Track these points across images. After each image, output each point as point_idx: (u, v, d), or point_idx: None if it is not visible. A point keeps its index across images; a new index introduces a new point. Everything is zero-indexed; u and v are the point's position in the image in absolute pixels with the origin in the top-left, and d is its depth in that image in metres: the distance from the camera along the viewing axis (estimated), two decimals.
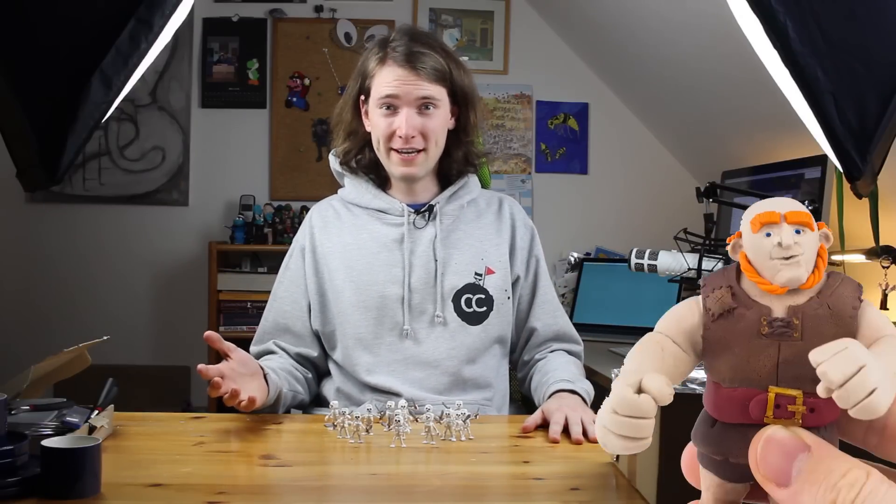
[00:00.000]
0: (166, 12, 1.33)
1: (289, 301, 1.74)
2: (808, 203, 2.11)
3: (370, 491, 1.19)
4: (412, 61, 1.64)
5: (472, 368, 1.69)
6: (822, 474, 0.30)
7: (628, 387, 0.32)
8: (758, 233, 0.33)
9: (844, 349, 0.30)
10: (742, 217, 0.34)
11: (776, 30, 1.32)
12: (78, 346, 1.50)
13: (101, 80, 1.31)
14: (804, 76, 1.33)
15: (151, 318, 4.14)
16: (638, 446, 0.32)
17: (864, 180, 1.38)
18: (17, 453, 1.06)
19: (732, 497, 0.35)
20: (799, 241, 0.33)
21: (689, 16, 2.99)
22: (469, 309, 1.69)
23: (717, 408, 0.34)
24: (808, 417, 0.32)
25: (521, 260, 1.77)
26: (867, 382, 0.29)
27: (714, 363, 0.34)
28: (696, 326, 0.35)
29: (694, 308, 0.35)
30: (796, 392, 0.32)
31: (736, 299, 0.34)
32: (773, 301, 0.33)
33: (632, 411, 0.32)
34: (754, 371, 0.33)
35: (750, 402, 0.33)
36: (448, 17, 4.19)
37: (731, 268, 0.35)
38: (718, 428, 0.34)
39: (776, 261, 0.33)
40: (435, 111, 1.67)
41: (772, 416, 0.32)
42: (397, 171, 1.69)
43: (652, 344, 0.35)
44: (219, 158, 4.13)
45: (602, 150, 4.25)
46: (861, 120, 1.35)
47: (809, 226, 0.33)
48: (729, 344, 0.33)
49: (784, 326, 0.33)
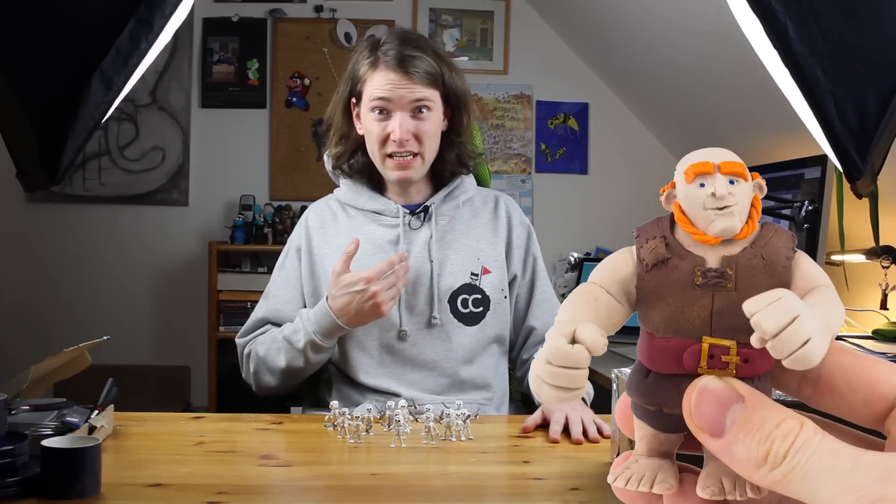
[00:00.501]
0: (166, 12, 1.34)
1: (283, 300, 1.74)
2: (809, 203, 2.11)
3: (370, 491, 1.19)
4: (404, 65, 1.63)
5: (470, 369, 1.68)
6: (756, 424, 0.30)
7: (562, 337, 0.32)
8: (691, 183, 0.33)
9: (778, 299, 0.30)
10: (676, 167, 0.34)
11: (776, 30, 1.32)
12: (78, 346, 1.50)
13: (101, 80, 1.31)
14: (804, 76, 1.33)
15: (151, 318, 4.14)
16: (571, 396, 0.32)
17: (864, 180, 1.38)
18: (17, 453, 1.06)
19: (666, 447, 0.35)
20: (733, 192, 0.33)
21: (689, 16, 2.99)
22: (465, 309, 1.69)
23: (650, 358, 0.34)
24: (742, 368, 0.32)
25: (518, 258, 1.77)
26: (801, 332, 0.29)
27: (648, 314, 0.34)
28: (630, 277, 0.34)
29: (628, 258, 0.35)
30: (730, 342, 0.32)
31: (670, 249, 0.34)
32: (706, 251, 0.33)
33: (566, 361, 0.32)
34: (688, 321, 0.33)
35: (684, 352, 0.33)
36: (448, 17, 4.19)
37: (665, 218, 0.35)
38: (652, 378, 0.34)
39: (710, 211, 0.33)
40: (428, 114, 1.66)
41: (706, 367, 0.33)
42: (392, 175, 1.68)
43: (586, 294, 0.35)
44: (219, 158, 4.13)
45: (602, 150, 4.25)
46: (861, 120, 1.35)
47: (743, 176, 0.33)
48: (662, 294, 0.33)
49: (718, 277, 0.33)
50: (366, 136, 1.70)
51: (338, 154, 1.76)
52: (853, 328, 2.43)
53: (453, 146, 1.74)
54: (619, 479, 0.35)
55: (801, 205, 2.10)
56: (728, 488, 0.32)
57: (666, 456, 0.35)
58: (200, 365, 3.94)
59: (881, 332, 2.24)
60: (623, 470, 0.35)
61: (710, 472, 0.33)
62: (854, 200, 1.64)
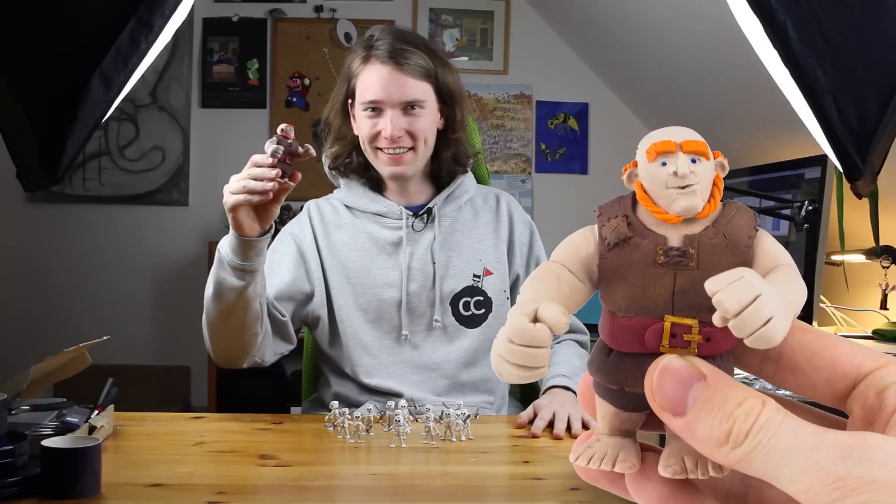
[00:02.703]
0: (166, 12, 1.34)
1: (269, 273, 1.63)
2: (809, 203, 2.11)
3: (370, 491, 1.19)
4: (396, 57, 1.61)
5: (471, 371, 1.68)
6: (718, 403, 0.30)
7: (524, 316, 0.32)
8: (653, 162, 0.33)
9: (740, 278, 0.30)
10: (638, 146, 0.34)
11: (776, 30, 1.32)
12: (78, 346, 1.50)
13: (101, 80, 1.31)
14: (804, 76, 1.34)
15: (151, 318, 4.14)
16: (533, 375, 0.32)
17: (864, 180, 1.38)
18: (17, 453, 1.06)
19: (628, 426, 0.35)
20: (695, 171, 0.33)
21: (689, 16, 2.99)
22: (467, 312, 1.68)
23: (612, 337, 0.34)
24: (704, 347, 0.32)
25: (521, 256, 1.76)
26: (763, 311, 0.29)
27: (610, 292, 0.34)
28: (592, 255, 0.34)
29: (590, 237, 0.35)
30: (692, 321, 0.32)
31: (631, 228, 0.34)
32: (668, 230, 0.33)
33: (527, 340, 0.32)
34: (650, 300, 0.33)
35: (645, 331, 0.33)
36: (448, 17, 4.19)
37: (627, 197, 0.35)
38: (614, 357, 0.34)
39: (672, 190, 0.33)
40: (421, 111, 1.64)
41: (667, 346, 0.32)
42: (385, 170, 1.67)
43: (548, 273, 0.34)
44: (219, 158, 4.13)
45: (602, 150, 4.25)
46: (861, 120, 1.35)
47: (706, 155, 0.33)
48: (624, 273, 0.33)
49: (680, 255, 0.33)
50: (359, 134, 1.68)
51: (335, 154, 1.74)
52: (853, 328, 2.43)
53: (449, 144, 1.72)
54: (580, 458, 0.35)
55: (801, 205, 2.10)
56: (690, 467, 0.32)
57: (628, 435, 0.35)
58: (200, 365, 3.94)
59: (881, 332, 2.24)
60: (585, 449, 0.35)
61: (672, 451, 0.33)
62: (854, 200, 1.64)
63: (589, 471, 0.35)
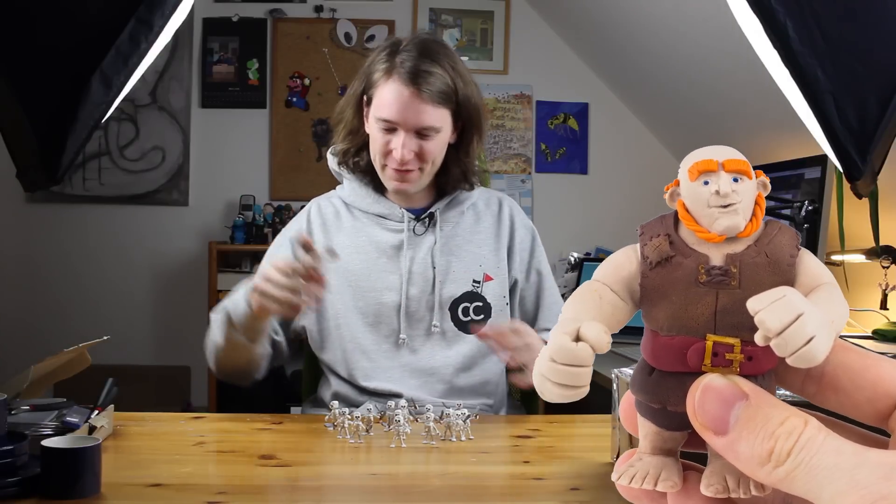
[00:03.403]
0: (166, 12, 1.34)
1: None
2: (809, 203, 2.11)
3: (370, 491, 1.19)
4: (417, 81, 1.58)
5: (469, 376, 1.67)
6: (760, 422, 0.30)
7: (566, 335, 0.32)
8: (695, 181, 0.33)
9: (782, 297, 0.30)
10: (680, 165, 0.34)
11: (776, 30, 1.32)
12: (78, 346, 1.50)
13: (101, 80, 1.31)
14: (804, 76, 1.34)
15: (151, 318, 4.14)
16: (576, 394, 0.32)
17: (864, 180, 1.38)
18: (17, 453, 1.06)
19: (670, 445, 0.35)
20: (737, 189, 0.33)
21: (689, 16, 2.99)
22: (466, 318, 1.68)
23: (654, 356, 0.34)
24: (746, 366, 0.32)
25: (521, 261, 1.75)
26: (805, 330, 0.29)
27: (652, 311, 0.34)
28: (634, 274, 0.35)
29: (632, 256, 0.35)
30: (734, 340, 0.32)
31: (674, 247, 0.34)
32: (710, 249, 0.33)
33: (570, 359, 0.32)
34: (692, 319, 0.33)
35: (688, 350, 0.33)
36: (448, 17, 4.19)
37: (669, 216, 0.35)
38: (656, 376, 0.34)
39: (714, 209, 0.33)
40: (435, 136, 1.62)
41: (710, 365, 0.33)
42: (390, 185, 1.66)
43: (590, 292, 0.35)
44: (219, 158, 4.13)
45: (602, 150, 4.25)
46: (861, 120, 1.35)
47: (748, 174, 0.33)
48: (666, 292, 0.33)
49: (722, 274, 0.33)
50: (370, 142, 1.67)
51: (344, 149, 1.73)
52: (853, 328, 2.43)
53: (460, 162, 1.70)
54: (623, 477, 0.35)
55: (801, 205, 2.10)
56: (732, 486, 0.32)
57: (670, 454, 0.35)
58: (200, 365, 3.93)
59: (881, 332, 2.25)
60: (627, 468, 0.35)
61: (714, 469, 0.33)
62: (854, 200, 1.64)
63: (631, 489, 0.35)
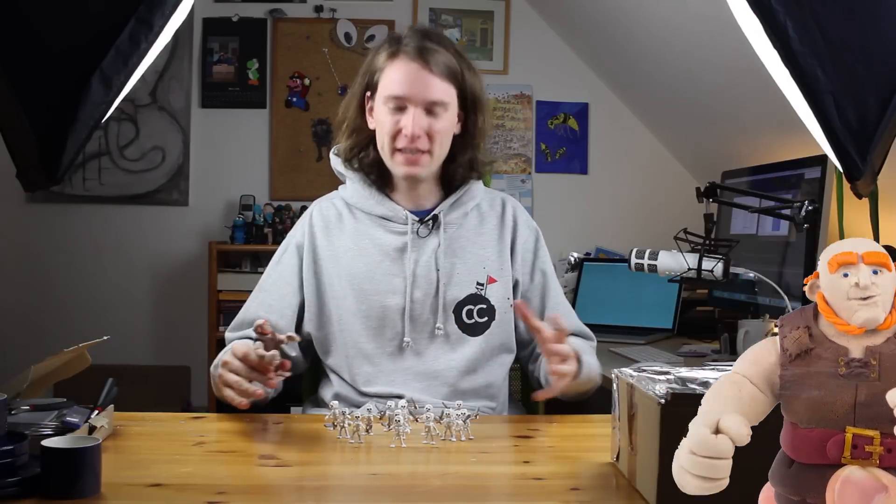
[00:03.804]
0: (166, 12, 1.34)
1: (276, 295, 1.70)
2: (809, 203, 2.11)
3: (370, 491, 1.19)
4: (424, 56, 1.61)
5: (473, 379, 1.67)
6: None
7: (706, 427, 0.32)
8: (835, 273, 0.33)
9: None
10: (819, 257, 0.34)
11: (776, 30, 1.32)
12: (78, 346, 1.50)
13: (101, 80, 1.31)
14: (804, 76, 1.34)
15: (151, 318, 4.14)
16: (715, 486, 0.32)
17: (864, 180, 1.38)
18: (17, 453, 1.06)
19: None
20: (876, 282, 0.33)
21: (689, 16, 2.99)
22: (470, 320, 1.67)
23: (794, 448, 0.34)
24: (886, 458, 0.32)
25: (524, 261, 1.74)
26: None
27: (791, 403, 0.34)
28: (774, 367, 0.35)
29: (771, 349, 0.35)
30: (874, 432, 0.32)
31: (813, 340, 0.34)
32: (850, 341, 0.33)
33: (709, 451, 0.32)
34: (832, 411, 0.33)
35: (827, 442, 0.33)
36: (448, 17, 4.19)
37: (809, 308, 0.35)
38: (796, 468, 0.34)
39: (853, 301, 0.33)
40: (443, 113, 1.63)
41: (849, 457, 0.32)
42: (400, 171, 1.66)
43: (729, 384, 0.35)
44: (219, 158, 4.13)
45: (602, 150, 4.25)
46: (861, 120, 1.35)
47: (887, 266, 0.33)
48: (806, 384, 0.33)
49: (861, 367, 0.33)
50: (377, 129, 1.67)
51: (348, 147, 1.73)
52: None
53: (467, 149, 1.72)
54: None
55: (801, 205, 2.10)
56: None
57: None
58: (200, 365, 3.93)
59: None
60: None
61: None
62: (854, 200, 1.64)
63: None
